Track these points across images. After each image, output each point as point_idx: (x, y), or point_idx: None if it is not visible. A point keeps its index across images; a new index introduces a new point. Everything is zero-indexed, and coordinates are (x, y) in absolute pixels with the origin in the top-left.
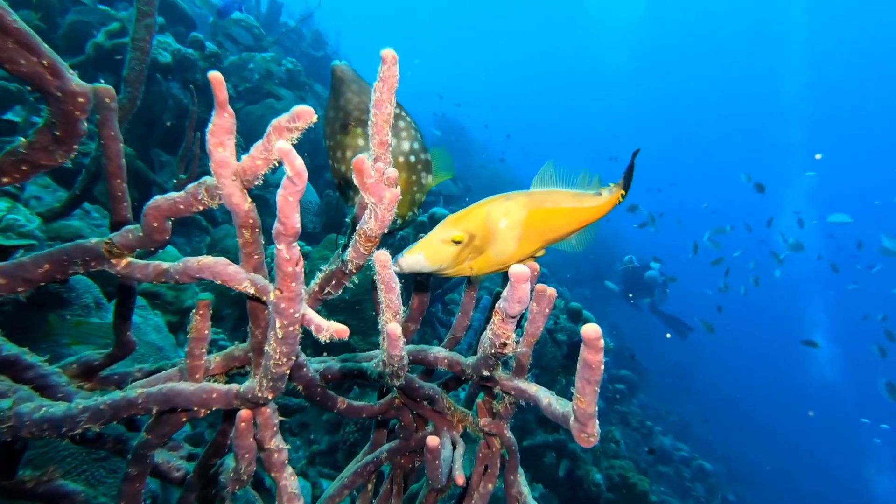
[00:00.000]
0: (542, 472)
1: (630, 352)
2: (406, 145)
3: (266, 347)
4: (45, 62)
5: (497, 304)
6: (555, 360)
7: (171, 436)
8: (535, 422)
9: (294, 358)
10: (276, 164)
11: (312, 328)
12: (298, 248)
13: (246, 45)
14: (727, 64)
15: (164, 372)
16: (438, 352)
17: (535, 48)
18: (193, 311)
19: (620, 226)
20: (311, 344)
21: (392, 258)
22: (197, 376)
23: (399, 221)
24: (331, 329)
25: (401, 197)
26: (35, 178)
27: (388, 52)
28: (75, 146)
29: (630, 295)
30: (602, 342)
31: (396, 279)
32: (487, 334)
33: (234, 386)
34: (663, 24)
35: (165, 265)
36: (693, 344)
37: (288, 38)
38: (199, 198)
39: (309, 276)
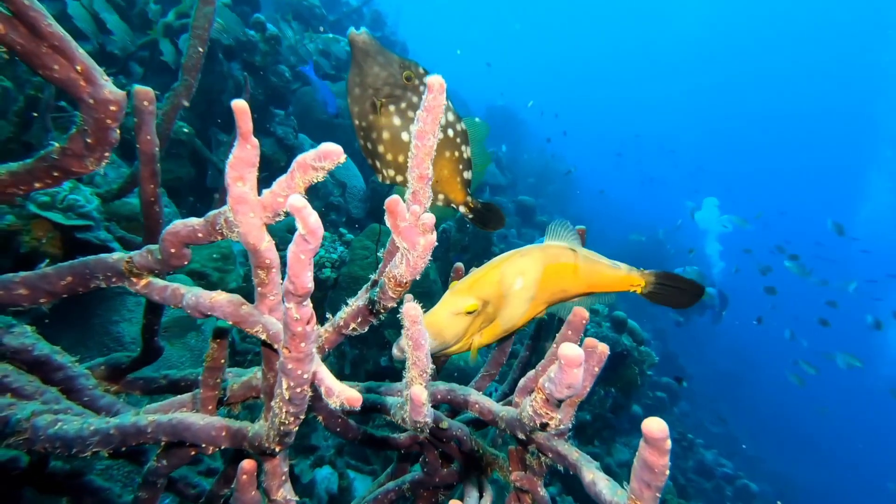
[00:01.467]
0: (573, 483)
1: (676, 361)
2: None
3: (272, 403)
4: (78, 67)
5: (541, 381)
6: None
7: (180, 466)
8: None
9: (302, 417)
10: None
11: (322, 390)
12: (310, 305)
13: (309, 23)
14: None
15: (177, 398)
16: (470, 395)
17: (599, 39)
18: (211, 338)
19: (670, 223)
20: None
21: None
22: (209, 408)
23: (458, 211)
24: (342, 395)
25: (434, 244)
26: None
27: (436, 80)
28: (107, 153)
29: (691, 313)
30: (669, 443)
31: (426, 336)
32: (527, 408)
33: (245, 427)
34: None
35: (183, 290)
36: (747, 351)
37: (349, 18)
38: (218, 228)
39: (350, 264)
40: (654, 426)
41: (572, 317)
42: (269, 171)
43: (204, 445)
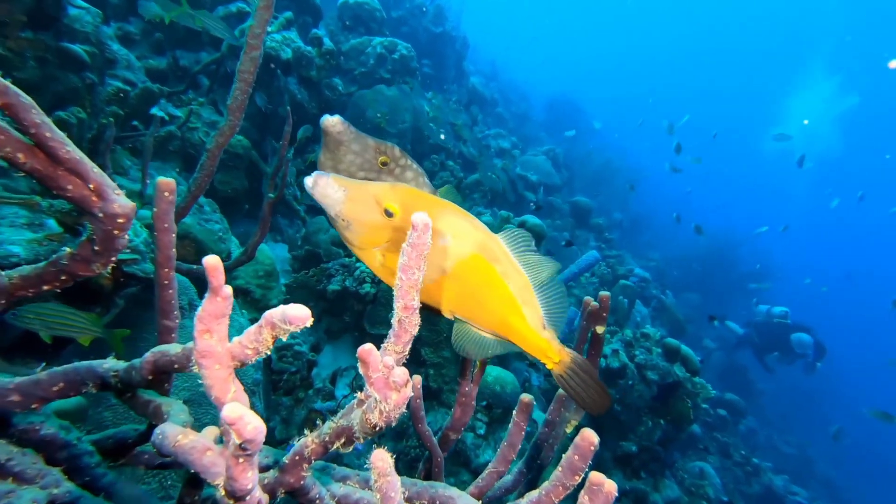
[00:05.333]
0: None
1: (744, 374)
2: None
3: None
4: (91, 185)
5: None
6: (641, 398)
7: None
8: (611, 461)
9: None
10: (267, 352)
11: None
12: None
13: (368, 26)
14: None
15: None
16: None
17: (675, 31)
18: None
19: (739, 224)
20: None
21: (311, 174)
22: None
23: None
24: None
25: (409, 397)
26: (163, 171)
27: (420, 219)
28: (113, 258)
29: (764, 353)
30: None
31: (398, 487)
32: None
33: None
34: None
35: (163, 411)
36: (828, 366)
37: (412, 15)
38: (191, 364)
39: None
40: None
41: (580, 440)
42: None
43: None
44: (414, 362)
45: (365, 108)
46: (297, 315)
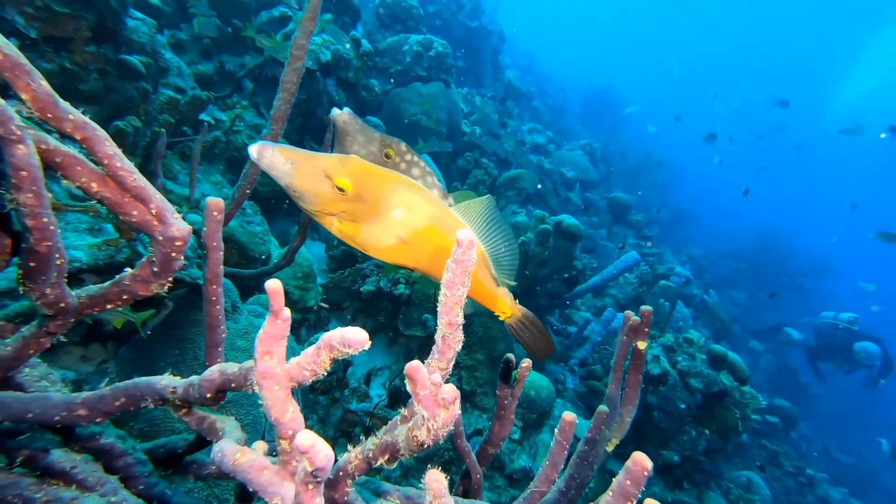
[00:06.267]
0: None
1: (796, 378)
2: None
3: None
4: (153, 210)
5: None
6: (684, 406)
7: None
8: (651, 470)
9: None
10: (324, 373)
11: None
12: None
13: (406, 23)
14: None
15: None
16: None
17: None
18: None
19: (789, 217)
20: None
21: (255, 142)
22: None
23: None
24: None
25: (458, 413)
26: (208, 174)
27: (464, 235)
28: (170, 279)
29: (819, 359)
30: None
31: None
32: None
33: None
34: None
35: (217, 427)
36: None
37: (447, 8)
38: (249, 382)
39: (422, 281)
40: None
41: (633, 465)
42: None
43: None
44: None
45: (400, 105)
46: (356, 338)
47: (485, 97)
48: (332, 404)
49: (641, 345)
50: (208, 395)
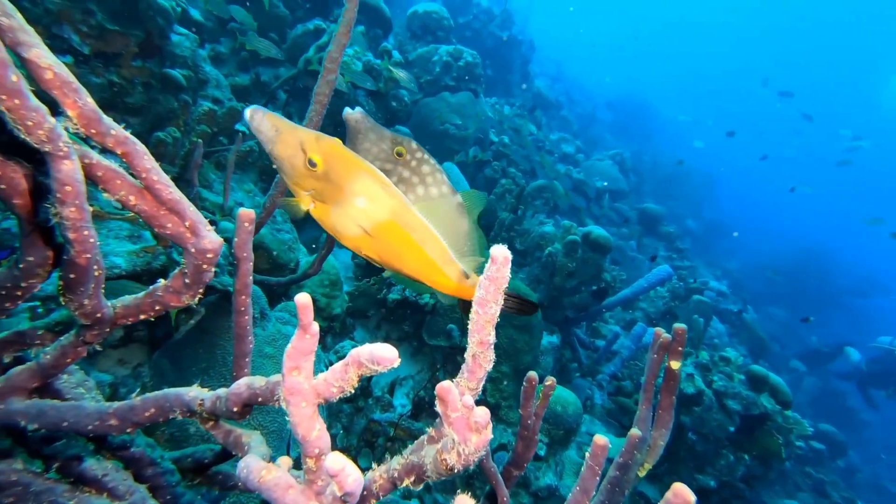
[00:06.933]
0: None
1: (841, 401)
2: (434, 191)
3: None
4: (188, 223)
5: None
6: (721, 428)
7: None
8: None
9: None
10: (352, 390)
11: None
12: None
13: (436, 34)
14: None
15: None
16: None
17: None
18: None
19: (833, 232)
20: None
21: (250, 106)
22: None
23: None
24: None
25: (490, 437)
26: (241, 183)
27: (500, 252)
28: (200, 290)
29: (871, 386)
30: None
31: None
32: None
33: None
34: None
35: (243, 442)
36: None
37: (478, 19)
38: (276, 397)
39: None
40: None
41: (673, 497)
42: None
43: None
44: None
45: (428, 115)
46: (385, 356)
47: (513, 106)
48: (356, 413)
49: (675, 365)
50: (235, 409)
